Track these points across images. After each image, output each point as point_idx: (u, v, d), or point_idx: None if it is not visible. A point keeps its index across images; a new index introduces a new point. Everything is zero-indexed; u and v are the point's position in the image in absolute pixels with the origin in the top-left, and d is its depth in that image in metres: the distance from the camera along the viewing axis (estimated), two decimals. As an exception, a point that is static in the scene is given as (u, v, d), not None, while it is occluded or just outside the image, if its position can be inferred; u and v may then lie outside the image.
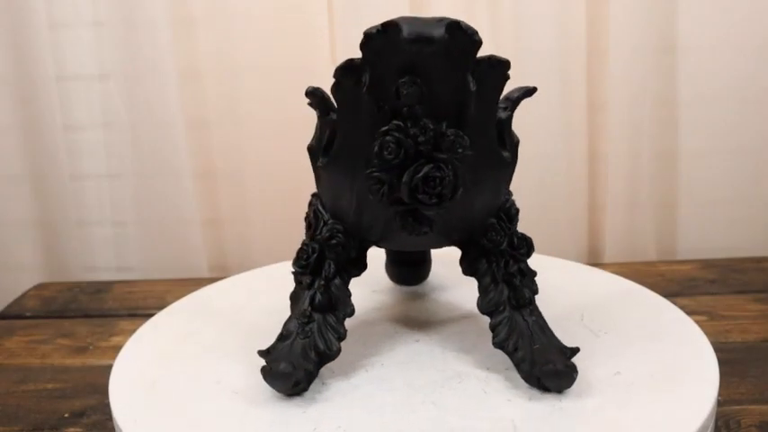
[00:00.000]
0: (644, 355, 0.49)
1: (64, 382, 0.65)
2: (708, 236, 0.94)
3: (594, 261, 0.94)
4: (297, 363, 0.45)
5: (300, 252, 0.48)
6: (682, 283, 0.81)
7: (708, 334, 0.51)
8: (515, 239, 0.50)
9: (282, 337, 0.46)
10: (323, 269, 0.48)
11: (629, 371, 0.47)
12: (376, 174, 0.43)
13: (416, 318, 0.56)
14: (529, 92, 0.48)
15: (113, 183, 0.96)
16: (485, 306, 0.48)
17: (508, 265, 0.49)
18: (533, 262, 0.55)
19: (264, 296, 0.61)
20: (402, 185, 0.43)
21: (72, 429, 0.57)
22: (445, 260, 0.61)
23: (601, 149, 0.92)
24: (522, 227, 0.53)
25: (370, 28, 0.40)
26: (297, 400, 0.45)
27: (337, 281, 0.47)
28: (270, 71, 0.90)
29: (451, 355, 0.50)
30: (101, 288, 0.88)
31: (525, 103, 0.94)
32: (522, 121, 0.89)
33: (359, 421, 0.43)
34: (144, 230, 0.96)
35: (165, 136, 0.92)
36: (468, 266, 0.49)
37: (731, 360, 0.61)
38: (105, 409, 0.59)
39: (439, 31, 0.39)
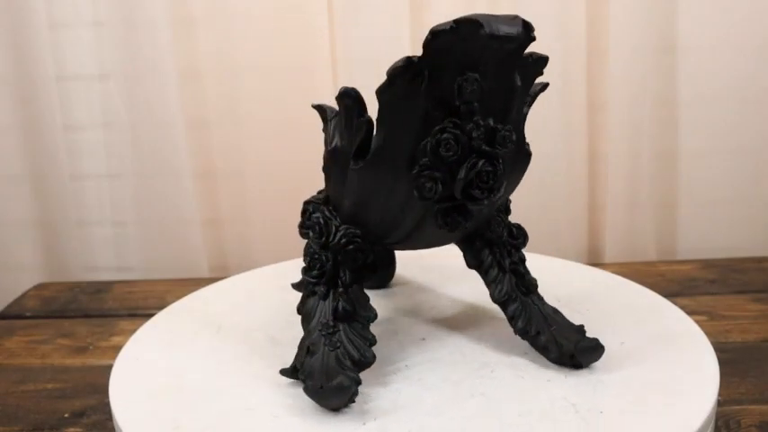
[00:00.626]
0: (644, 355, 0.49)
1: (64, 382, 0.65)
2: (708, 236, 0.94)
3: (594, 261, 0.94)
4: (343, 375, 0.43)
5: (312, 262, 0.47)
6: (682, 283, 0.81)
7: (708, 334, 0.51)
8: (513, 229, 0.51)
9: (310, 352, 0.45)
10: (339, 277, 0.47)
11: (629, 371, 0.47)
12: (428, 172, 0.43)
13: (412, 316, 0.56)
14: (544, 87, 0.49)
15: (113, 183, 0.96)
16: (499, 296, 0.49)
17: (511, 255, 0.50)
18: (533, 262, 0.55)
19: (265, 296, 0.61)
20: (458, 181, 0.43)
21: (72, 429, 0.57)
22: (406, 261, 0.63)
23: (601, 149, 0.92)
24: (522, 226, 0.54)
25: (442, 25, 0.39)
26: (346, 413, 0.43)
27: (355, 287, 0.47)
28: (270, 71, 0.90)
29: (467, 348, 0.51)
30: (101, 288, 0.88)
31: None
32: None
33: (427, 424, 0.42)
34: (144, 230, 0.96)
35: (165, 136, 0.92)
36: (473, 258, 0.50)
37: (731, 360, 0.61)
38: (105, 409, 0.59)
39: (518, 29, 0.39)
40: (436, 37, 0.40)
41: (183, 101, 0.91)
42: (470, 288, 0.59)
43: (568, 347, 0.47)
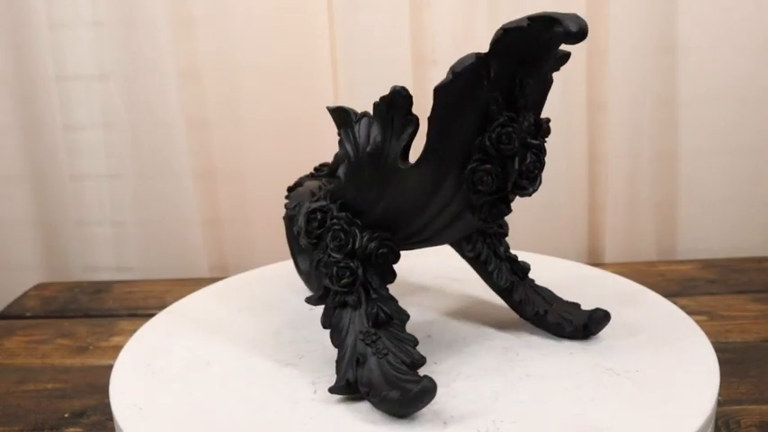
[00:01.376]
0: (644, 354, 0.49)
1: (64, 382, 0.65)
2: (708, 236, 0.94)
3: (594, 261, 0.94)
4: (411, 378, 0.42)
5: (340, 271, 0.46)
6: (682, 283, 0.81)
7: (708, 334, 0.51)
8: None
9: (360, 363, 0.44)
10: (368, 283, 0.46)
11: (629, 370, 0.47)
12: (485, 166, 0.43)
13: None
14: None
15: (113, 183, 0.96)
16: (505, 284, 0.51)
17: (502, 243, 0.53)
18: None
19: (265, 296, 0.61)
20: (512, 173, 0.44)
21: (72, 429, 0.57)
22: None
23: (601, 149, 0.92)
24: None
25: (516, 22, 0.40)
26: (416, 417, 0.42)
27: (384, 291, 0.47)
28: (270, 71, 0.90)
29: (478, 339, 0.51)
30: (101, 288, 0.88)
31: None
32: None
33: (506, 410, 0.42)
34: (144, 230, 0.96)
35: (165, 136, 0.92)
36: (471, 250, 0.51)
37: (731, 360, 0.61)
38: (105, 409, 0.59)
39: (585, 27, 0.39)
40: (507, 34, 0.40)
41: (183, 101, 0.91)
42: (443, 283, 0.61)
43: (579, 320, 0.50)
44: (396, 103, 0.43)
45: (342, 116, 0.46)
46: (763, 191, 0.92)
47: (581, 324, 0.50)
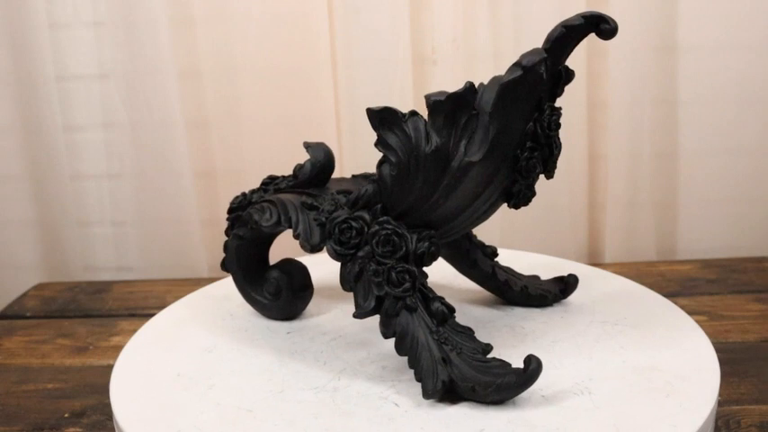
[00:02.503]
0: (644, 354, 0.49)
1: (64, 382, 0.65)
2: (708, 236, 0.94)
3: (595, 261, 0.94)
4: (497, 363, 0.44)
5: (399, 276, 0.45)
6: (682, 283, 0.81)
7: (708, 334, 0.51)
8: None
9: (446, 362, 0.43)
10: (423, 284, 0.46)
11: (629, 370, 0.47)
12: (536, 153, 0.46)
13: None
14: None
15: (113, 183, 0.96)
16: (488, 269, 0.55)
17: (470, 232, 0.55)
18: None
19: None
20: (552, 158, 0.48)
21: (72, 429, 0.57)
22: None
23: (601, 149, 0.92)
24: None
25: (572, 19, 0.44)
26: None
27: (429, 288, 0.47)
28: (270, 71, 0.90)
29: (479, 323, 0.53)
30: (101, 288, 0.88)
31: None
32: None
33: (575, 369, 0.47)
34: (144, 230, 0.96)
35: (165, 136, 0.92)
36: (455, 243, 0.54)
37: (731, 360, 0.61)
38: (105, 409, 0.59)
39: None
40: (567, 31, 0.44)
41: (183, 101, 0.91)
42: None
43: (554, 288, 0.56)
44: (465, 100, 0.43)
45: (388, 116, 0.44)
46: (763, 191, 0.92)
47: (558, 291, 0.56)
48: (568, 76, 0.47)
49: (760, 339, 0.67)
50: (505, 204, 0.48)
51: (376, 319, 0.46)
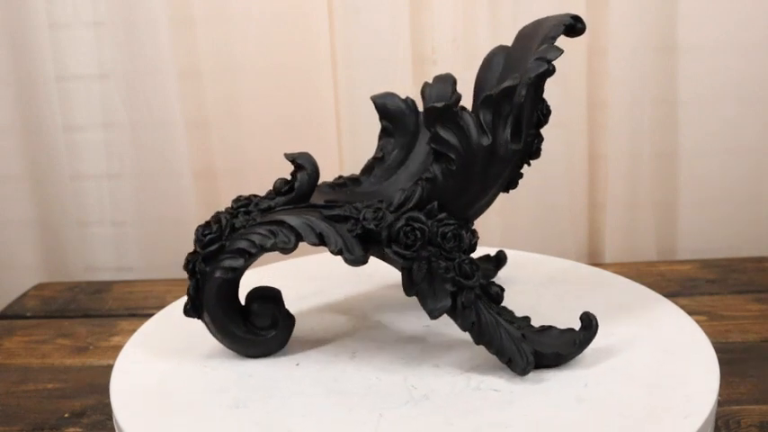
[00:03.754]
0: (644, 354, 0.49)
1: (64, 382, 0.65)
2: (708, 236, 0.94)
3: (595, 261, 0.94)
4: (545, 326, 0.47)
5: (471, 268, 0.46)
6: (682, 283, 0.81)
7: (708, 334, 0.51)
8: None
9: (524, 337, 0.46)
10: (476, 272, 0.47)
11: (629, 371, 0.47)
12: (539, 139, 0.49)
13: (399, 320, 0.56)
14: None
15: (113, 183, 0.96)
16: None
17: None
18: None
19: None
20: (538, 145, 0.50)
21: (72, 429, 0.57)
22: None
23: (601, 149, 0.92)
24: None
25: (564, 18, 0.49)
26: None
27: None
28: (270, 71, 0.90)
29: None
30: (101, 288, 0.88)
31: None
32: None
33: None
34: (144, 230, 0.96)
35: (165, 136, 0.92)
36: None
37: (731, 360, 0.61)
38: (105, 409, 0.59)
39: None
40: (568, 30, 0.49)
41: (183, 101, 0.91)
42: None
43: (491, 264, 0.59)
44: (510, 92, 0.45)
45: (446, 112, 0.45)
46: (763, 191, 0.92)
47: (492, 267, 0.59)
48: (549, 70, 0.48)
49: (760, 339, 0.67)
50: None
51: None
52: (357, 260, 0.46)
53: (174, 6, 0.89)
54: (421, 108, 0.54)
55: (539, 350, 0.46)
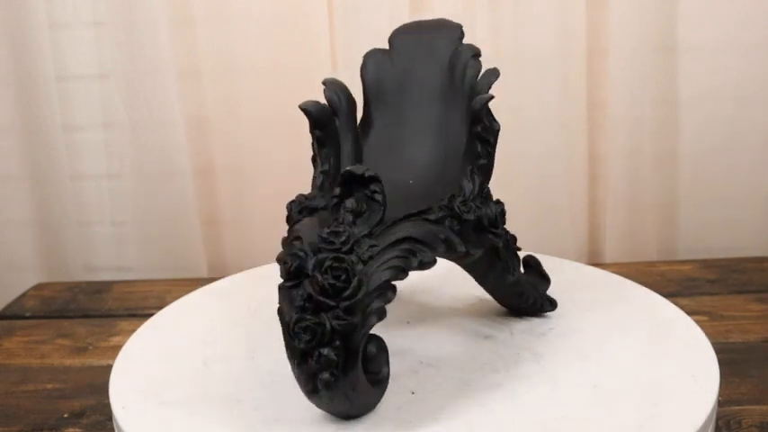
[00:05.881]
0: (644, 354, 0.49)
1: (64, 382, 0.65)
2: (708, 236, 0.94)
3: (594, 261, 0.94)
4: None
5: (513, 238, 0.50)
6: (682, 283, 0.81)
7: (708, 334, 0.51)
8: None
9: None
10: None
11: (629, 371, 0.47)
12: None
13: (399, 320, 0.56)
14: None
15: (113, 183, 0.96)
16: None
17: None
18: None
19: (263, 295, 0.61)
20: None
21: (72, 429, 0.57)
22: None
23: (601, 149, 0.92)
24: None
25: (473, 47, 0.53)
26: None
27: None
28: (270, 71, 0.90)
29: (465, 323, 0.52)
30: (100, 288, 0.88)
31: (526, 103, 0.94)
32: (523, 122, 0.89)
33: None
34: (144, 230, 0.96)
35: (165, 136, 0.92)
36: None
37: (731, 360, 0.61)
38: (105, 410, 0.59)
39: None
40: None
41: (183, 100, 0.91)
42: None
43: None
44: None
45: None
46: (763, 191, 0.92)
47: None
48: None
49: (761, 339, 0.67)
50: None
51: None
52: (476, 255, 0.46)
53: (174, 6, 0.89)
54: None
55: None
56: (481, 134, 0.46)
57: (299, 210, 0.46)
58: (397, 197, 0.43)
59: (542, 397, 0.44)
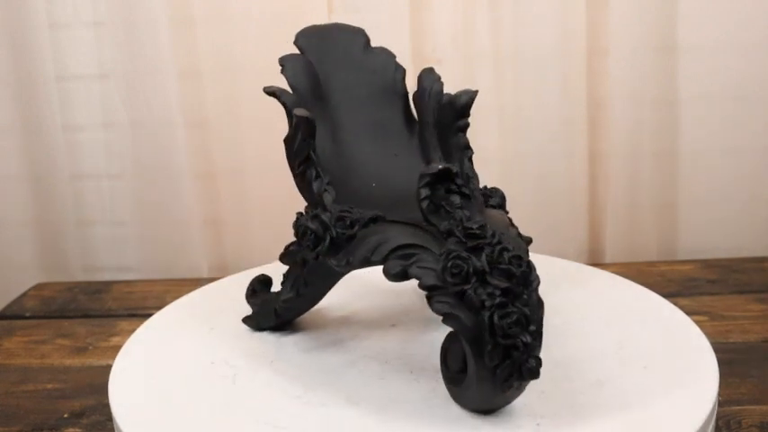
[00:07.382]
0: (643, 355, 0.49)
1: (63, 383, 0.65)
2: (708, 236, 0.94)
3: (594, 261, 0.94)
4: None
5: None
6: (682, 283, 0.81)
7: (708, 334, 0.51)
8: None
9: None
10: None
11: (629, 371, 0.47)
12: None
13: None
14: None
15: (113, 183, 0.96)
16: None
17: None
18: (533, 261, 0.55)
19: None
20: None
21: (71, 429, 0.57)
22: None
23: (601, 149, 0.92)
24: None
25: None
26: None
27: None
28: (270, 71, 0.90)
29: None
30: (100, 288, 0.88)
31: (526, 103, 0.95)
32: (523, 122, 0.89)
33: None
34: (144, 230, 0.96)
35: (165, 136, 0.92)
36: None
37: (731, 360, 0.61)
38: (105, 410, 0.59)
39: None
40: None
41: (183, 101, 0.91)
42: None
43: None
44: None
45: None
46: (764, 191, 0.92)
47: None
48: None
49: (761, 340, 0.67)
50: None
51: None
52: None
53: (174, 6, 0.89)
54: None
55: None
56: (464, 127, 0.48)
57: (349, 224, 0.44)
58: (384, 197, 0.46)
59: (542, 397, 0.44)
